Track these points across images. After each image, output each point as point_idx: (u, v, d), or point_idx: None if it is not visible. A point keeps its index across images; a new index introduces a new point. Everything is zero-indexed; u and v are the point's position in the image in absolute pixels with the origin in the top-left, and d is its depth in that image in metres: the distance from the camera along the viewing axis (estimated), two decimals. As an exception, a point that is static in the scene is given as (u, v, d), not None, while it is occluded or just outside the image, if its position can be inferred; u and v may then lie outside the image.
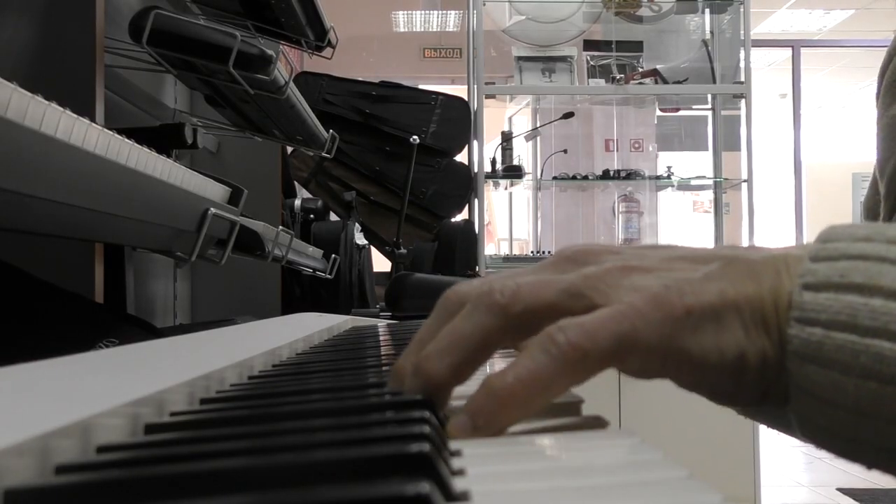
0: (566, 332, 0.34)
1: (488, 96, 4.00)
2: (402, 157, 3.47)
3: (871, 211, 0.78)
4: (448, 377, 0.36)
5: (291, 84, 1.52)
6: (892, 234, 0.35)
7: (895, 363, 0.32)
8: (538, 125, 4.38)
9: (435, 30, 7.21)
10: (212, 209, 1.01)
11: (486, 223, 3.92)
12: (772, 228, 7.14)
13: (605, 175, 4.02)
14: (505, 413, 0.34)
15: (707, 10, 4.10)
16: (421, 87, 4.53)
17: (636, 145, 4.49)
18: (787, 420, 0.40)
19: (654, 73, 3.86)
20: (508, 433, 0.35)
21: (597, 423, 0.36)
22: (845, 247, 0.35)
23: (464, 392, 0.36)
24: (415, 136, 3.38)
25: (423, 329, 0.40)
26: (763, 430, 3.34)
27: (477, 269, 3.41)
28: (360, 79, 3.88)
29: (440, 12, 6.90)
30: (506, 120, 5.05)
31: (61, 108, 0.61)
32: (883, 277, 0.33)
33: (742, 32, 3.86)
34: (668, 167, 4.17)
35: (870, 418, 0.33)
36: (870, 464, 0.34)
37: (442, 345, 0.37)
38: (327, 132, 2.06)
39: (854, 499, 3.48)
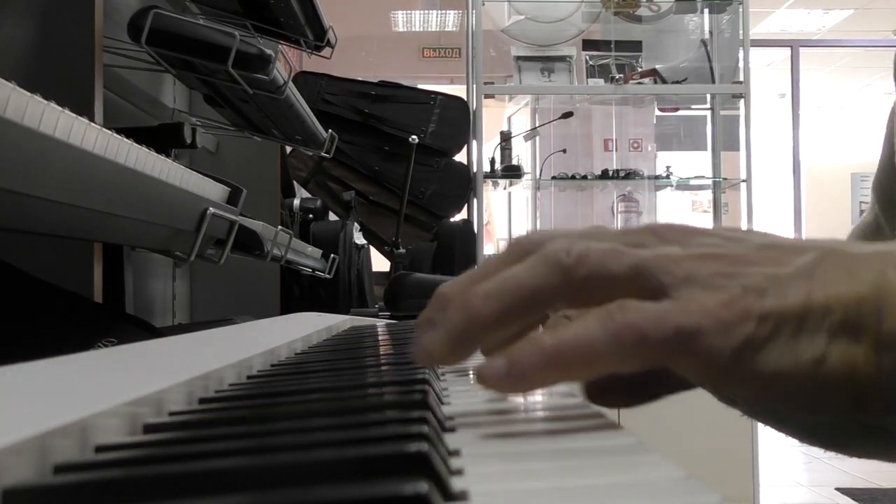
0: (626, 310, 0.32)
1: (487, 96, 4.00)
2: (402, 156, 3.47)
3: (886, 193, 0.74)
4: (491, 320, 0.34)
5: (290, 84, 1.52)
6: None
7: None
8: (537, 125, 4.38)
9: (434, 29, 7.21)
10: (211, 209, 1.01)
11: (485, 223, 3.92)
12: (771, 228, 7.13)
13: (604, 175, 4.03)
14: (543, 370, 0.33)
15: (706, 10, 4.10)
16: (420, 86, 4.53)
17: (635, 145, 4.49)
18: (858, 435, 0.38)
19: (653, 73, 3.86)
20: (508, 434, 0.35)
21: (595, 422, 0.36)
22: None
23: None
24: (414, 136, 3.39)
25: (483, 266, 0.37)
26: (762, 430, 3.34)
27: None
28: (360, 78, 3.88)
29: (439, 12, 6.90)
30: (505, 120, 5.05)
31: (60, 108, 0.61)
32: None
33: (741, 32, 3.86)
34: (667, 167, 4.18)
35: None
36: None
37: (494, 286, 0.35)
38: (326, 132, 2.06)
39: (853, 499, 3.48)
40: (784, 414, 0.41)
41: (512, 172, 3.94)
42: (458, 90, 3.98)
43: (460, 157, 3.80)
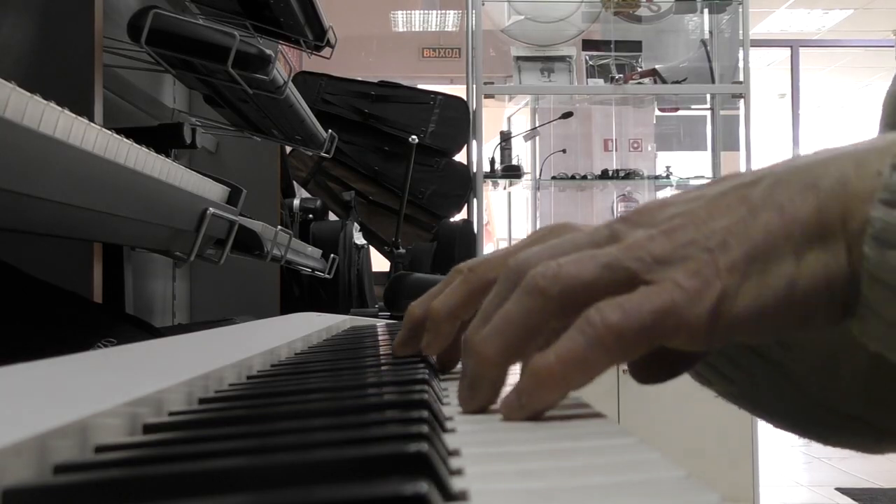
0: (602, 312, 0.34)
1: (487, 96, 4.00)
2: (401, 156, 3.47)
3: None
4: (497, 358, 0.38)
5: (290, 84, 1.52)
6: None
7: None
8: (537, 125, 4.38)
9: (434, 29, 7.21)
10: (210, 209, 1.01)
11: (484, 223, 3.92)
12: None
13: (604, 175, 4.03)
14: (544, 392, 0.35)
15: (706, 10, 4.11)
16: (420, 86, 4.53)
17: (635, 145, 4.49)
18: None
19: (653, 73, 3.86)
20: (508, 433, 0.35)
21: (595, 421, 0.36)
22: None
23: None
24: (414, 136, 3.39)
25: (487, 303, 0.40)
26: (762, 429, 3.34)
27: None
28: (359, 78, 3.88)
29: (439, 12, 6.90)
30: (505, 120, 5.06)
31: (60, 108, 0.61)
32: None
33: (741, 32, 3.86)
34: (667, 167, 4.18)
35: None
36: None
37: (493, 328, 0.38)
38: (326, 132, 2.06)
39: (853, 498, 3.48)
40: (777, 390, 0.41)
41: (512, 172, 3.94)
42: (458, 90, 3.98)
43: (460, 157, 3.80)
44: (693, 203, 0.36)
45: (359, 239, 2.94)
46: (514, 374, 0.38)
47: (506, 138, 4.03)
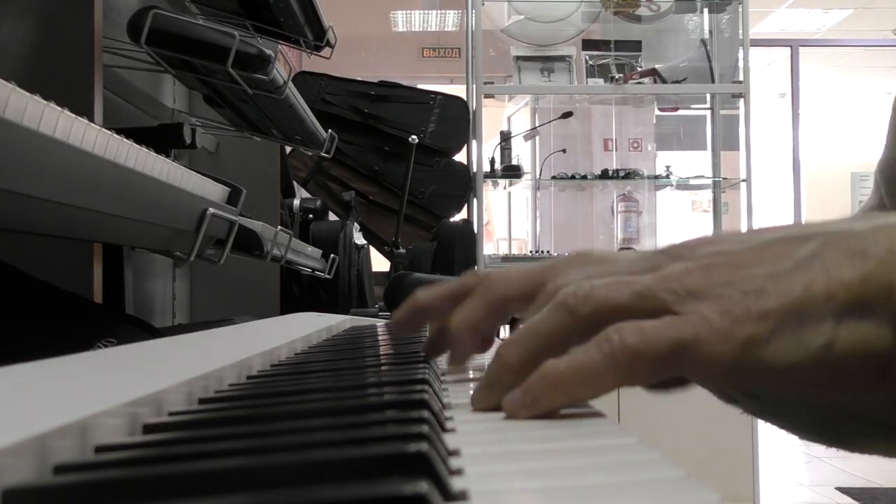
0: (622, 332, 0.35)
1: (487, 96, 4.00)
2: (401, 156, 3.47)
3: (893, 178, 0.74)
4: (516, 365, 0.38)
5: (290, 84, 1.52)
6: None
7: None
8: (537, 125, 4.38)
9: (434, 29, 7.21)
10: (210, 209, 1.01)
11: (484, 223, 3.92)
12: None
13: (604, 174, 4.02)
14: (550, 395, 0.36)
15: (706, 10, 4.10)
16: (420, 86, 4.53)
17: (635, 145, 4.49)
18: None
19: (653, 73, 3.86)
20: (508, 433, 0.35)
21: (595, 420, 0.36)
22: None
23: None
24: (414, 136, 3.39)
25: (536, 323, 0.41)
26: (762, 429, 3.34)
27: (475, 268, 3.41)
28: (359, 78, 3.88)
29: (439, 12, 6.90)
30: (504, 119, 5.05)
31: (59, 108, 0.61)
32: None
33: (741, 32, 3.86)
34: (667, 167, 4.17)
35: None
36: None
37: (519, 337, 0.39)
38: (326, 132, 2.06)
39: (853, 498, 3.48)
40: (804, 404, 0.41)
41: (512, 172, 3.94)
42: (458, 90, 3.98)
43: (460, 156, 3.80)
44: (738, 245, 0.36)
45: (359, 239, 2.94)
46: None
47: (506, 138, 4.03)
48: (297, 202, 2.67)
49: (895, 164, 0.73)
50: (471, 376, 0.51)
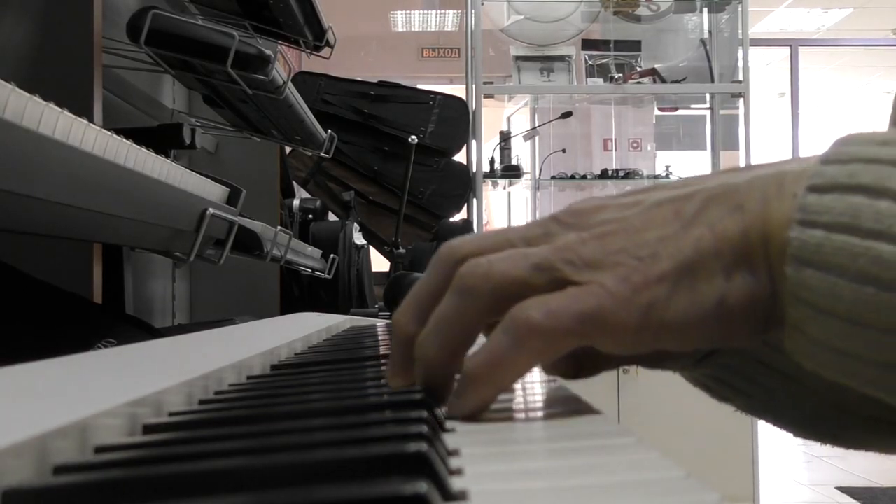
0: (527, 311, 0.35)
1: (487, 96, 4.00)
2: (401, 156, 3.47)
3: None
4: (441, 360, 0.38)
5: (290, 84, 1.52)
6: None
7: (894, 268, 0.30)
8: (536, 125, 4.38)
9: (433, 29, 7.21)
10: (210, 209, 1.01)
11: (484, 223, 3.92)
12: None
13: (604, 174, 4.03)
14: (474, 392, 0.36)
15: (705, 10, 4.10)
16: (419, 86, 4.53)
17: (634, 145, 4.49)
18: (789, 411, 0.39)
19: (653, 73, 3.86)
20: (507, 433, 0.35)
21: (594, 418, 0.36)
22: (858, 150, 0.33)
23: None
24: (413, 136, 3.38)
25: (419, 287, 0.40)
26: (762, 429, 3.34)
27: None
28: (359, 78, 3.88)
29: (438, 12, 6.90)
30: (504, 119, 5.05)
31: (59, 109, 0.61)
32: (892, 180, 0.31)
33: (740, 31, 3.86)
34: (667, 166, 4.17)
35: (864, 327, 0.31)
36: (860, 382, 0.33)
37: (431, 330, 0.38)
38: (326, 132, 2.06)
39: (853, 497, 3.48)
40: (792, 399, 0.41)
41: (511, 172, 3.94)
42: (458, 90, 3.98)
43: (460, 156, 3.80)
44: (627, 210, 0.37)
45: (358, 239, 2.94)
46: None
47: (505, 138, 4.03)
48: (296, 202, 2.67)
49: None
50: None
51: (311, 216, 2.72)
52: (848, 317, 0.31)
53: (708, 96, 4.16)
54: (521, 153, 4.26)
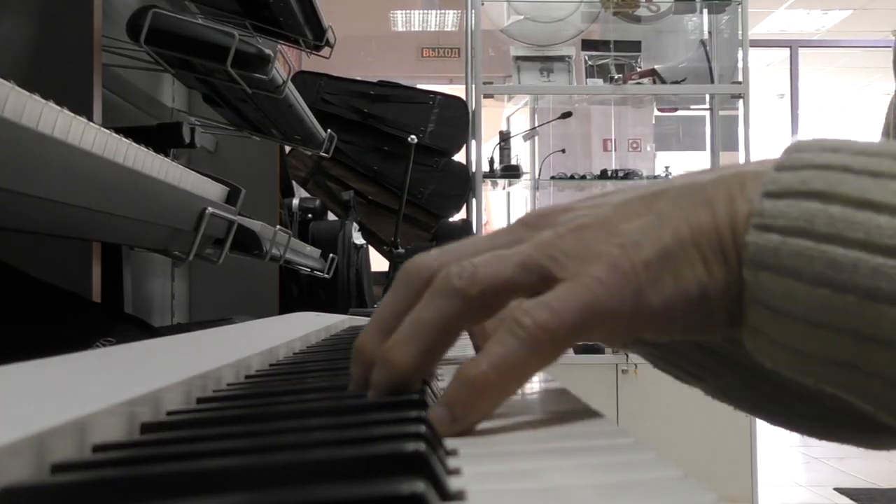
0: (532, 313, 0.34)
1: (486, 96, 4.00)
2: (401, 156, 3.47)
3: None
4: (415, 366, 0.36)
5: (289, 83, 1.52)
6: (860, 146, 0.34)
7: (848, 270, 0.31)
8: (536, 125, 4.38)
9: (433, 29, 7.21)
10: (209, 208, 1.01)
11: (484, 223, 3.92)
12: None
13: (603, 175, 4.02)
14: (482, 401, 0.34)
15: (705, 11, 4.10)
16: (419, 86, 4.53)
17: (634, 145, 4.49)
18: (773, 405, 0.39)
19: (652, 73, 3.86)
20: (505, 433, 0.35)
21: (593, 419, 0.36)
22: (811, 157, 0.34)
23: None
24: (413, 136, 3.39)
25: (383, 306, 0.39)
26: (761, 429, 3.34)
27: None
28: (359, 78, 3.88)
29: (438, 12, 6.90)
30: (504, 119, 5.05)
31: (59, 107, 0.61)
32: (843, 185, 0.33)
33: (740, 32, 3.86)
34: (666, 167, 4.18)
35: (820, 328, 0.32)
36: (815, 379, 0.34)
37: (406, 333, 0.37)
38: (325, 132, 2.06)
39: (851, 499, 3.48)
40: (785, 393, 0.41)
41: (511, 172, 3.94)
42: (457, 90, 3.98)
43: (459, 156, 3.80)
44: (596, 208, 0.37)
45: (358, 239, 2.94)
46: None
47: (505, 138, 4.03)
48: (296, 202, 2.66)
49: None
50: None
51: (310, 216, 2.72)
52: (804, 318, 0.32)
53: (707, 97, 4.16)
54: (520, 153, 4.26)
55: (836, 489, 3.64)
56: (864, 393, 0.32)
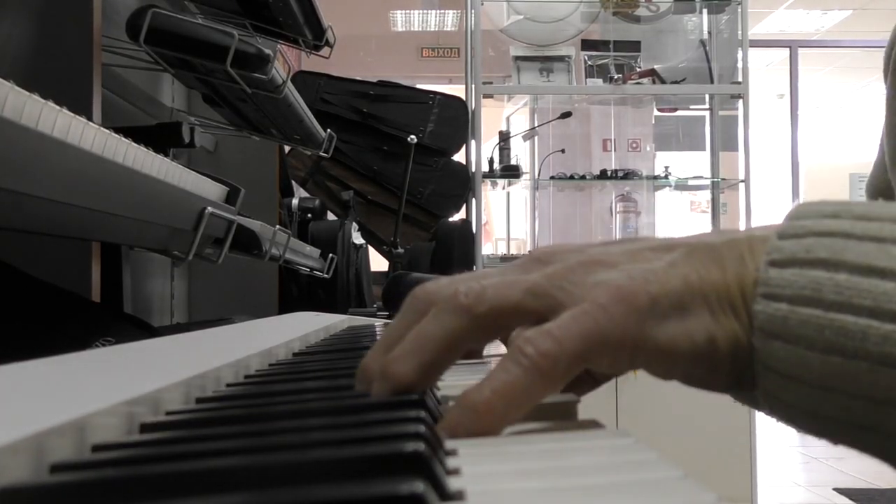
0: (534, 341, 0.34)
1: (486, 96, 4.00)
2: (400, 156, 3.47)
3: (879, 192, 0.77)
4: (415, 379, 0.37)
5: (289, 83, 1.52)
6: (860, 210, 0.35)
7: (858, 337, 0.32)
8: (536, 125, 4.38)
9: (433, 29, 7.21)
10: (209, 208, 1.01)
11: (483, 223, 3.92)
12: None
13: (603, 175, 4.02)
14: (483, 426, 0.34)
15: (705, 10, 4.10)
16: (419, 86, 4.53)
17: (634, 145, 4.49)
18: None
19: (652, 73, 3.86)
20: (504, 433, 0.35)
21: (592, 426, 0.36)
22: (812, 224, 0.35)
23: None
24: (412, 136, 3.39)
25: (390, 329, 0.40)
26: (760, 429, 3.34)
27: (474, 268, 3.41)
28: (358, 78, 3.88)
29: (438, 12, 6.90)
30: (503, 119, 5.05)
31: (58, 107, 0.61)
32: (847, 253, 0.33)
33: (740, 32, 3.86)
34: (666, 167, 4.17)
35: (834, 393, 0.32)
36: (834, 439, 0.34)
37: (409, 347, 0.37)
38: (325, 131, 2.06)
39: (850, 499, 3.48)
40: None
41: (510, 172, 3.94)
42: (457, 90, 3.98)
43: (459, 156, 3.80)
44: (608, 248, 0.38)
45: (357, 238, 2.94)
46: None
47: (504, 138, 4.03)
48: (295, 202, 2.66)
49: (878, 180, 0.75)
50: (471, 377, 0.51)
51: (309, 215, 2.72)
52: (819, 384, 0.33)
53: (707, 97, 4.16)
54: (520, 153, 4.26)
55: (835, 489, 3.64)
56: (884, 452, 0.33)
